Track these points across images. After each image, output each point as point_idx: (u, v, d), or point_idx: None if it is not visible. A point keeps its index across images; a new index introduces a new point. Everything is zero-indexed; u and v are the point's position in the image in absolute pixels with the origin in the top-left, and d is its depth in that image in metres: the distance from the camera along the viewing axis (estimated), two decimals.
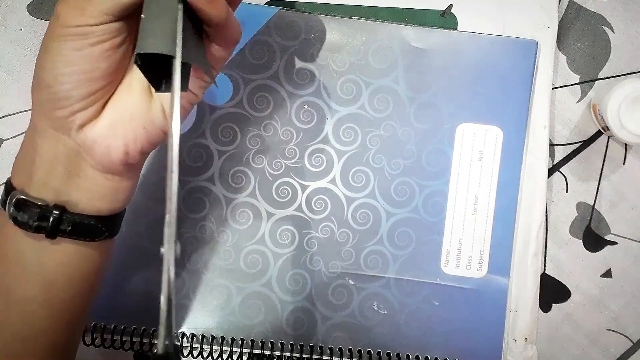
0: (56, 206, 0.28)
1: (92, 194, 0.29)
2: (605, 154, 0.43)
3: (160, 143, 0.30)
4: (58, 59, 0.25)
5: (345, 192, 0.41)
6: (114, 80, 0.27)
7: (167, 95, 0.28)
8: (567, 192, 0.44)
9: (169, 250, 0.21)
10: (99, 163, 0.28)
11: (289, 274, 0.41)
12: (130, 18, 0.26)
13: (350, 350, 0.41)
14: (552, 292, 0.44)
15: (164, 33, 0.23)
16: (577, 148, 0.44)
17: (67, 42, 0.25)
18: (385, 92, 0.41)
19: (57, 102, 0.26)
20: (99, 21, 0.24)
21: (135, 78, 0.28)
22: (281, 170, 0.41)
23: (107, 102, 0.28)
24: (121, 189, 0.30)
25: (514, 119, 0.41)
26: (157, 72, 0.25)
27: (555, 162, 0.44)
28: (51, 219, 0.28)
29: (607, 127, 0.40)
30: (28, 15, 0.42)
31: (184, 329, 0.41)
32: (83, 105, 0.26)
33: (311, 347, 0.41)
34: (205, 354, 0.41)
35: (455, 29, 0.42)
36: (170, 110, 0.22)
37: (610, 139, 0.43)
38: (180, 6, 0.23)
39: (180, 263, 0.41)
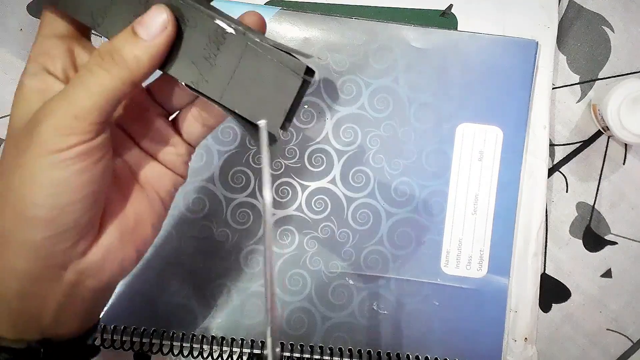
0: (41, 342, 0.24)
1: (82, 317, 0.26)
2: (605, 154, 0.43)
3: (162, 225, 0.28)
4: (60, 189, 0.21)
5: (345, 192, 0.41)
6: (111, 189, 0.25)
7: (156, 178, 0.27)
8: (567, 192, 0.44)
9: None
10: (107, 282, 0.25)
11: (289, 274, 0.41)
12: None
13: (350, 350, 0.41)
14: (552, 292, 0.44)
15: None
16: (577, 148, 0.44)
17: (68, 167, 0.21)
18: (385, 92, 0.41)
19: (58, 237, 0.22)
20: (93, 135, 0.22)
21: (125, 180, 0.26)
22: (281, 170, 0.41)
23: (103, 216, 0.24)
24: (108, 298, 0.28)
25: (514, 119, 0.41)
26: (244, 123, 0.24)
27: (555, 162, 0.44)
28: None
29: (607, 127, 0.40)
30: (28, 16, 0.42)
31: (185, 329, 0.41)
32: (87, 229, 0.23)
33: (311, 347, 0.41)
34: (205, 354, 0.41)
35: (455, 29, 0.42)
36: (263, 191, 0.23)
37: (610, 139, 0.43)
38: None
39: (181, 263, 0.41)
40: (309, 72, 0.23)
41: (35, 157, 0.21)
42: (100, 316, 0.29)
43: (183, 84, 0.24)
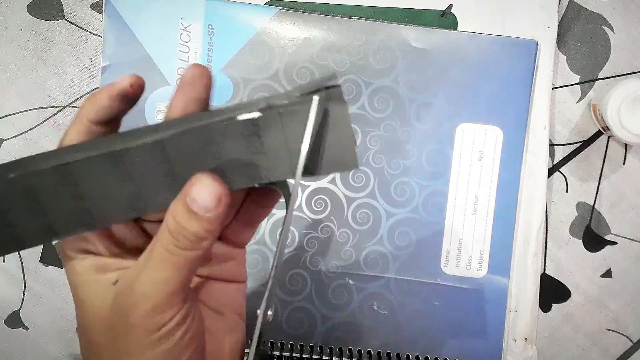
0: None
1: None
2: (605, 154, 0.43)
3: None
4: (171, 356, 0.22)
5: (345, 192, 0.41)
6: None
7: (234, 301, 0.27)
8: (567, 192, 0.44)
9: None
10: None
11: (289, 274, 0.41)
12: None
13: (350, 350, 0.41)
14: (552, 292, 0.44)
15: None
16: (577, 148, 0.44)
17: (168, 339, 0.22)
18: (385, 92, 0.41)
19: None
20: (181, 305, 0.22)
21: (205, 316, 0.26)
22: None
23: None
24: None
25: (514, 119, 0.41)
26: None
27: (555, 162, 0.44)
28: None
29: (607, 127, 0.40)
30: (28, 15, 0.42)
31: None
32: None
33: (311, 347, 0.41)
34: None
35: (455, 29, 0.42)
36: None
37: (610, 139, 0.43)
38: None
39: None
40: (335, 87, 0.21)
41: (140, 338, 0.22)
42: None
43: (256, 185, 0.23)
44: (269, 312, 0.23)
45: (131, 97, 0.23)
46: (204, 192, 0.21)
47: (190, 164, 0.22)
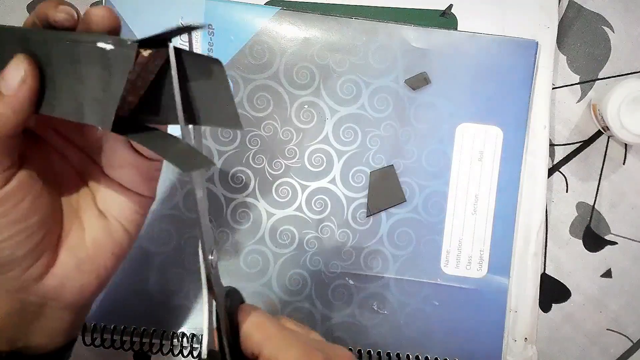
0: (10, 354, 0.26)
1: (54, 331, 0.28)
2: (605, 154, 0.43)
3: (128, 252, 0.29)
4: None
5: (345, 192, 0.41)
6: (54, 223, 0.26)
7: (117, 205, 0.27)
8: (567, 192, 0.44)
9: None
10: (71, 304, 0.27)
11: (289, 274, 0.41)
12: (32, 155, 0.25)
13: (350, 350, 0.41)
14: (552, 292, 0.44)
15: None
16: (577, 148, 0.44)
17: None
18: (385, 92, 0.41)
19: (2, 267, 0.24)
20: (1, 184, 0.23)
21: (84, 207, 0.27)
22: (281, 170, 0.41)
23: (58, 244, 0.26)
24: (83, 316, 0.29)
25: (514, 119, 0.41)
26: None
27: (555, 162, 0.44)
28: None
29: (607, 127, 0.40)
30: (28, 15, 0.42)
31: (184, 329, 0.41)
32: (31, 260, 0.25)
33: None
34: None
35: (455, 29, 0.42)
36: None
37: (610, 139, 0.43)
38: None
39: (180, 263, 0.41)
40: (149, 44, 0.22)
41: None
42: (79, 333, 0.31)
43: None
44: (210, 257, 0.24)
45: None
46: (13, 70, 0.22)
47: (60, 76, 0.23)
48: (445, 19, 0.42)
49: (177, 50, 0.22)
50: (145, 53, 0.21)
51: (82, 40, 0.22)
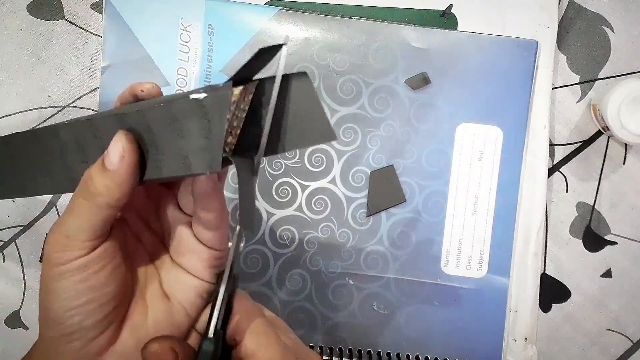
0: None
1: None
2: (605, 154, 0.43)
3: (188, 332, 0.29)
4: (63, 296, 0.24)
5: (345, 192, 0.41)
6: (124, 297, 0.27)
7: (180, 287, 0.28)
8: (567, 192, 0.44)
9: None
10: None
11: (289, 274, 0.41)
12: (116, 230, 0.26)
13: (350, 350, 0.41)
14: (552, 292, 0.44)
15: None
16: (577, 148, 0.44)
17: (69, 278, 0.24)
18: (385, 92, 0.41)
19: (69, 336, 0.25)
20: (89, 250, 0.24)
21: (150, 288, 0.28)
22: (281, 170, 0.41)
23: (123, 321, 0.27)
24: None
25: (514, 119, 0.41)
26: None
27: (555, 162, 0.44)
28: None
29: (607, 127, 0.40)
30: (28, 15, 0.42)
31: None
32: (97, 331, 0.25)
33: (311, 347, 0.41)
34: None
35: (455, 29, 0.42)
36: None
37: (610, 139, 0.43)
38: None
39: None
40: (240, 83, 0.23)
41: (46, 268, 0.25)
42: None
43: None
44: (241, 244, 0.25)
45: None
46: (114, 147, 0.24)
47: (162, 139, 0.24)
48: (445, 19, 0.42)
49: (261, 81, 0.24)
50: (237, 91, 0.23)
51: (174, 98, 0.23)
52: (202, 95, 0.22)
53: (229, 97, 0.22)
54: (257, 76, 0.24)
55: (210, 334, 0.24)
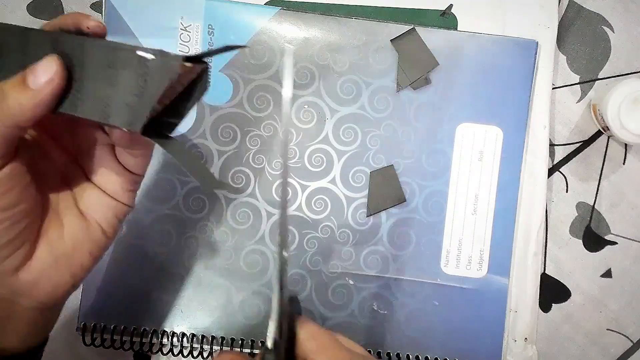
0: None
1: (25, 332, 0.28)
2: (605, 154, 0.43)
3: (104, 254, 0.29)
4: None
5: (345, 192, 0.41)
6: (36, 216, 0.26)
7: (98, 207, 0.28)
8: (567, 192, 0.44)
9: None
10: (43, 302, 0.27)
11: (289, 274, 0.41)
12: (23, 149, 0.25)
13: None
14: (552, 292, 0.44)
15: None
16: (577, 148, 0.44)
17: None
18: (385, 92, 0.41)
19: None
20: None
21: (64, 206, 0.28)
22: (281, 170, 0.41)
23: (37, 238, 0.26)
24: (55, 317, 0.30)
25: (514, 119, 0.41)
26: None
27: (555, 162, 0.44)
28: None
29: (607, 127, 0.40)
30: (28, 15, 0.42)
31: (184, 329, 0.41)
32: (11, 249, 0.25)
33: None
34: (205, 354, 0.41)
35: (455, 29, 0.42)
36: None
37: (610, 139, 0.43)
38: None
39: (180, 263, 0.41)
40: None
41: None
42: (49, 334, 0.31)
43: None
44: (285, 253, 0.24)
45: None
46: (44, 67, 0.23)
47: (90, 78, 0.24)
48: (445, 19, 0.42)
49: (205, 68, 0.25)
50: (188, 65, 0.23)
51: (119, 47, 0.23)
52: (149, 56, 0.23)
53: (177, 69, 0.22)
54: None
55: (270, 345, 0.24)
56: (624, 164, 0.43)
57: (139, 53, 0.23)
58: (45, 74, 0.23)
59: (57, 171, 0.28)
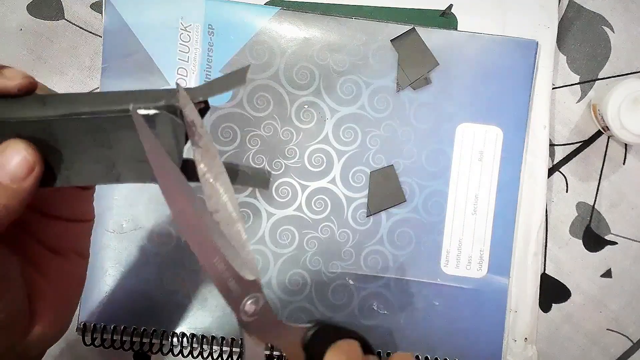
0: None
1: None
2: (605, 154, 0.43)
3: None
4: None
5: (345, 192, 0.41)
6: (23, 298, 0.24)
7: (69, 240, 0.26)
8: (567, 192, 0.44)
9: None
10: (52, 343, 0.27)
11: (289, 274, 0.41)
12: None
13: None
14: (552, 292, 0.44)
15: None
16: (577, 148, 0.44)
17: None
18: (385, 92, 0.41)
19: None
20: None
21: (34, 264, 0.25)
22: (281, 170, 0.41)
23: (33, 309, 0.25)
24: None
25: (514, 119, 0.41)
26: None
27: (555, 162, 0.44)
28: None
29: (607, 127, 0.40)
30: (28, 15, 0.42)
31: (184, 329, 0.41)
32: (9, 321, 0.23)
33: None
34: (205, 354, 0.41)
35: (455, 29, 0.42)
36: None
37: (610, 139, 0.43)
38: None
39: (180, 263, 0.41)
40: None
41: None
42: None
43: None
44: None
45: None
46: (14, 159, 0.20)
47: (80, 149, 0.21)
48: (445, 19, 0.42)
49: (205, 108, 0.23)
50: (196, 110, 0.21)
51: (104, 110, 0.20)
52: (152, 112, 0.20)
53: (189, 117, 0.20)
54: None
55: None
56: (624, 164, 0.43)
57: (141, 112, 0.20)
58: (17, 166, 0.20)
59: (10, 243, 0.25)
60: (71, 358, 0.43)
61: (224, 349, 0.41)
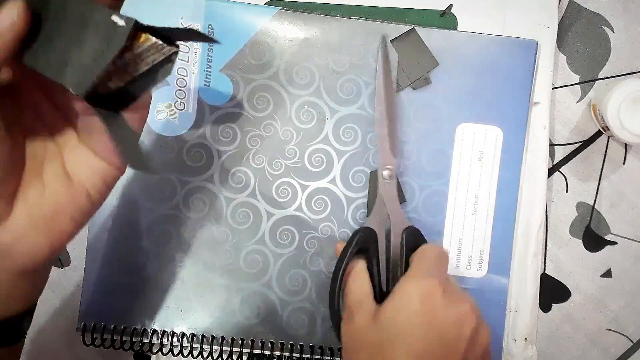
0: None
1: (8, 298, 0.27)
2: (605, 154, 0.43)
3: (87, 221, 0.28)
4: None
5: (345, 192, 0.41)
6: (10, 174, 0.24)
7: (85, 169, 0.26)
8: (567, 192, 0.44)
9: None
10: (21, 267, 0.26)
11: (289, 274, 0.41)
12: None
13: None
14: (552, 292, 0.44)
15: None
16: (577, 148, 0.44)
17: None
18: None
19: None
20: None
21: (49, 164, 0.26)
22: (281, 170, 0.41)
23: (15, 196, 0.25)
24: (40, 283, 0.28)
25: (514, 119, 0.41)
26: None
27: (555, 162, 0.44)
28: None
29: (607, 127, 0.40)
30: None
31: (184, 329, 0.41)
32: None
33: (311, 347, 0.41)
34: (205, 354, 0.41)
35: (455, 29, 0.42)
36: None
37: (610, 139, 0.43)
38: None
39: (180, 263, 0.41)
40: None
41: None
42: (34, 303, 0.30)
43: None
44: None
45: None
46: (6, 10, 0.21)
47: (58, 34, 0.22)
48: (445, 19, 0.42)
49: (175, 52, 0.23)
50: (151, 40, 0.22)
51: (99, 9, 0.22)
52: (121, 22, 0.22)
53: (127, 33, 0.22)
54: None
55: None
56: (624, 164, 0.44)
57: (113, 18, 0.22)
58: (8, 15, 0.21)
59: (45, 126, 0.26)
60: (71, 358, 0.43)
61: (224, 349, 0.41)
